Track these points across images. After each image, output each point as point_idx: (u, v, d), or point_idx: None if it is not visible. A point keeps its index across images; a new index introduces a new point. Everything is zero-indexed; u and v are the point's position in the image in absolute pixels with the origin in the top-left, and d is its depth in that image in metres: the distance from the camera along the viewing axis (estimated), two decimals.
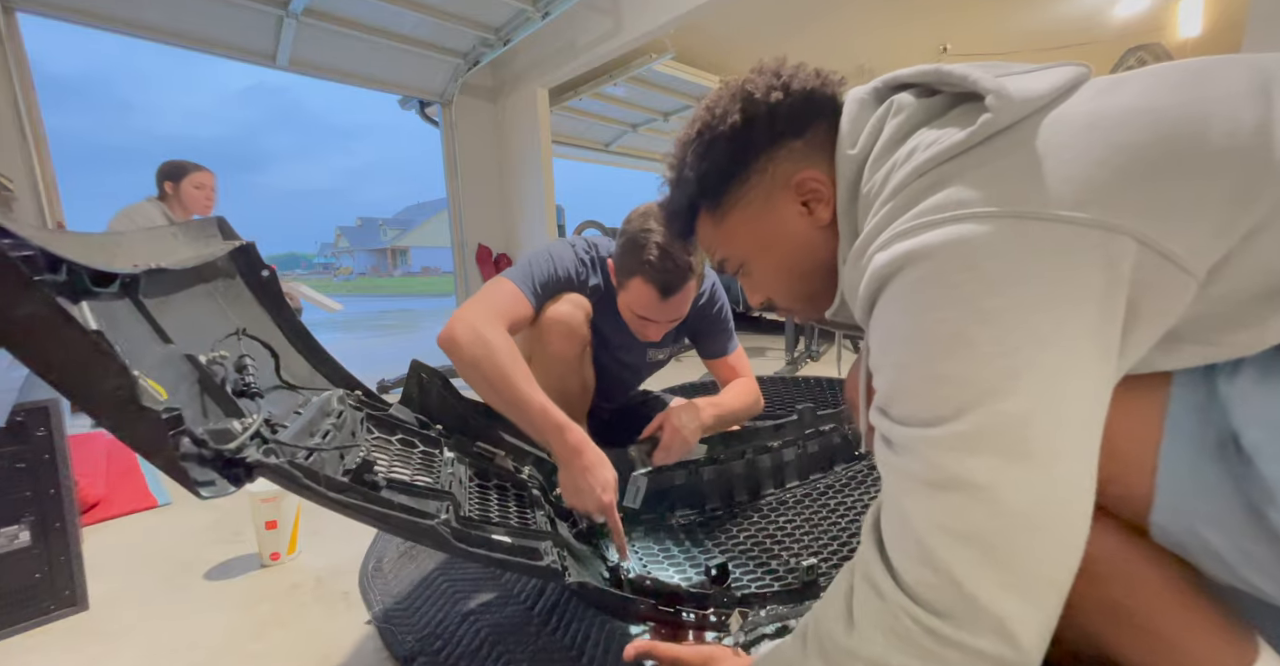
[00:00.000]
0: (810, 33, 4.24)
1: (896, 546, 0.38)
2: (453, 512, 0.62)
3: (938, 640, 0.35)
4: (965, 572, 0.34)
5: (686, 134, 0.57)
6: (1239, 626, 0.40)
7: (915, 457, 0.37)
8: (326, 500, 0.51)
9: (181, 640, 0.80)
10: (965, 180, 0.38)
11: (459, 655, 0.70)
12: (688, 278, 1.03)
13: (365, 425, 0.75)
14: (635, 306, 1.08)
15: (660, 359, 1.35)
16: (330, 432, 0.63)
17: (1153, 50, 2.08)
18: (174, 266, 0.62)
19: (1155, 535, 0.40)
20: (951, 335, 0.36)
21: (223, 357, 0.60)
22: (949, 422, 0.35)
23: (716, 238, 0.59)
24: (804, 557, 0.85)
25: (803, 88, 0.52)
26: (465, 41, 3.85)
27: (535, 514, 0.78)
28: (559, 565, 0.63)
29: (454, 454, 0.81)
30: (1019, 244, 0.35)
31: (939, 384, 0.36)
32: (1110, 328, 0.35)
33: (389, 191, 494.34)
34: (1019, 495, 0.34)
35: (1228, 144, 0.34)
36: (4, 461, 0.81)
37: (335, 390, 0.78)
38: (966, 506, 0.35)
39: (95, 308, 0.46)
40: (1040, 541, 0.34)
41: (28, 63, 2.62)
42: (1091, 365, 0.35)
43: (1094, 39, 4.38)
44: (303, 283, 2.49)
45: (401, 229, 59.94)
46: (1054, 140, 0.37)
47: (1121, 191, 0.34)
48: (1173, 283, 0.34)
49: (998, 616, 0.34)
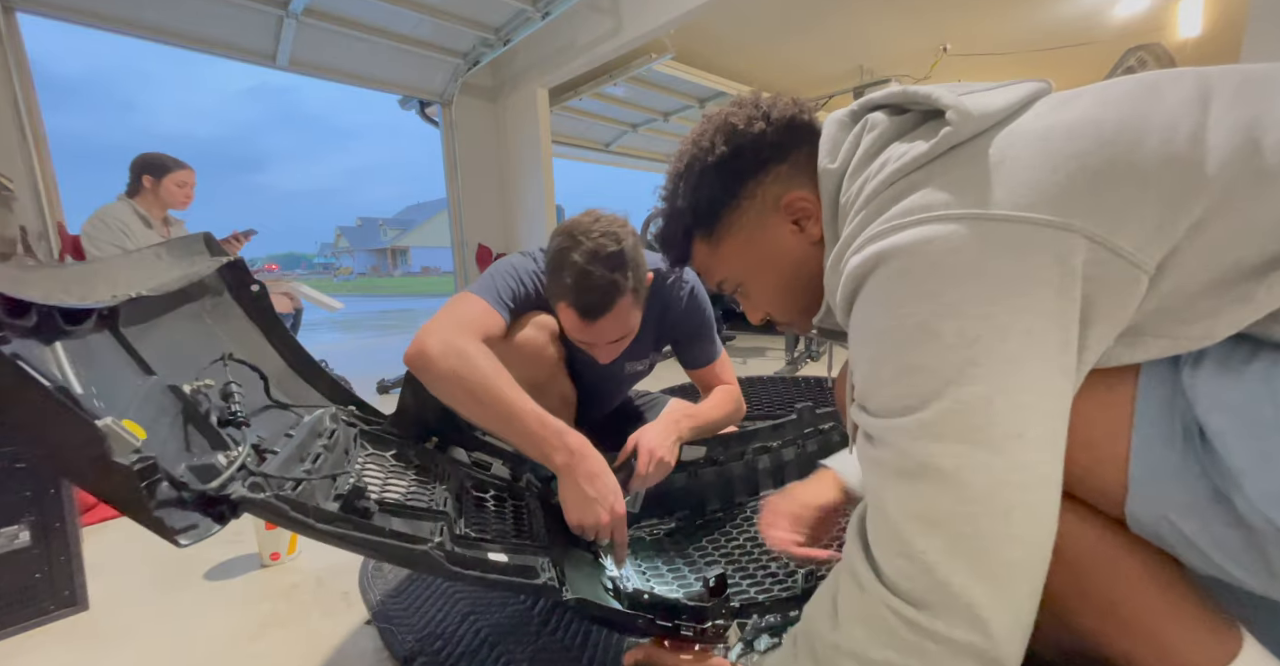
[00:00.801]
0: (810, 33, 4.25)
1: (877, 539, 0.40)
2: (447, 533, 0.61)
3: (915, 630, 0.37)
4: (936, 559, 0.36)
5: (676, 167, 0.60)
6: (1221, 616, 0.40)
7: (888, 448, 0.39)
8: (316, 532, 0.49)
9: (181, 640, 0.80)
10: (931, 186, 0.41)
11: (459, 655, 0.70)
12: (613, 297, 0.92)
13: (358, 442, 0.75)
14: (568, 332, 1.00)
15: (640, 370, 1.28)
16: (321, 455, 0.62)
17: (1153, 50, 2.08)
18: (155, 292, 0.60)
19: (1132, 526, 0.41)
20: (917, 327, 0.38)
21: (207, 387, 0.58)
22: (916, 412, 0.38)
23: (713, 262, 0.62)
24: (799, 570, 0.85)
25: (783, 116, 0.56)
26: (465, 41, 3.85)
27: (533, 525, 0.78)
28: (556, 582, 0.63)
29: (450, 467, 0.80)
30: (979, 241, 0.37)
31: (908, 375, 0.39)
32: (1067, 318, 0.37)
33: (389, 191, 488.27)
34: (983, 478, 0.36)
35: (1164, 151, 0.36)
36: (4, 461, 0.81)
37: (328, 407, 0.76)
38: (935, 493, 0.37)
39: (69, 347, 0.44)
40: (1006, 525, 0.35)
41: (28, 63, 2.62)
42: (1051, 353, 0.37)
43: (1094, 39, 4.38)
44: (303, 283, 2.49)
45: (401, 229, 59.97)
46: (1009, 151, 0.40)
47: (1070, 195, 0.37)
48: (1124, 277, 0.37)
49: (968, 603, 0.35)
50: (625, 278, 0.93)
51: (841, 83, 5.18)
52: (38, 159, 2.59)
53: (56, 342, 0.44)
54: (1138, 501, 0.39)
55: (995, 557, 0.35)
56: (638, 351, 1.20)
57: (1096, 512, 0.42)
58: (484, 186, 4.52)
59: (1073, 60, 4.61)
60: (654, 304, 1.14)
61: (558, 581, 0.63)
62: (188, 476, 0.45)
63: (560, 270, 0.93)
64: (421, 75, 4.06)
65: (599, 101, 5.24)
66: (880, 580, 0.39)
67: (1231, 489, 0.35)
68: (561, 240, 0.94)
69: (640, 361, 1.27)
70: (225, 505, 0.45)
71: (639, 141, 6.51)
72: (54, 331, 0.45)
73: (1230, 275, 0.36)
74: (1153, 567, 0.41)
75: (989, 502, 0.35)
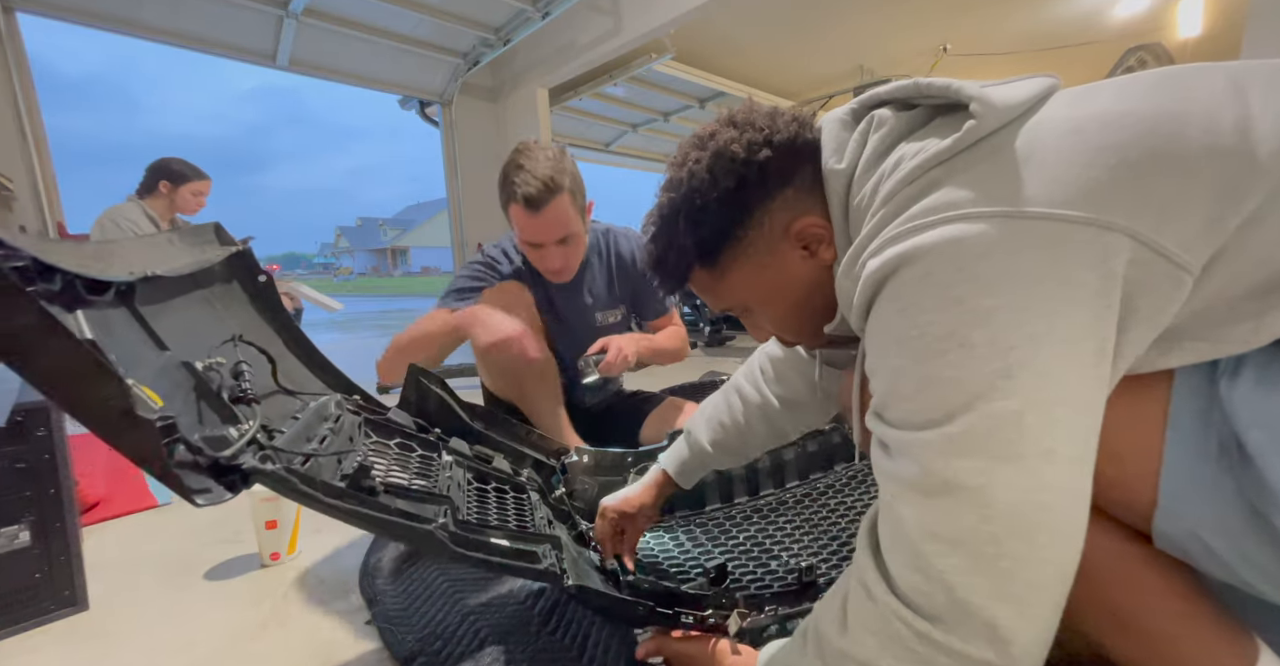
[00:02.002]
0: (810, 33, 4.25)
1: (891, 552, 0.38)
2: (451, 517, 0.62)
3: (928, 644, 0.35)
4: (956, 579, 0.34)
5: (672, 198, 0.54)
6: (1239, 628, 0.39)
7: (909, 462, 0.37)
8: (323, 505, 0.51)
9: (181, 640, 0.80)
10: (954, 183, 0.38)
11: (459, 655, 0.70)
12: (552, 191, 1.09)
13: (363, 430, 0.75)
14: (520, 234, 1.16)
15: (611, 322, 1.38)
16: (327, 437, 0.63)
17: (1153, 50, 2.08)
18: (170, 273, 0.61)
19: (1158, 541, 0.39)
20: (944, 336, 0.35)
21: (219, 364, 0.59)
22: (941, 425, 0.35)
23: (719, 290, 0.57)
24: (803, 558, 0.85)
25: (786, 139, 0.51)
26: (465, 41, 3.85)
27: (534, 517, 0.78)
28: (558, 568, 0.63)
29: (452, 457, 0.81)
30: (1010, 242, 0.34)
31: (932, 386, 0.36)
32: (1105, 326, 0.34)
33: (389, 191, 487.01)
34: (1010, 497, 0.34)
35: (1208, 141, 0.34)
36: (4, 461, 0.81)
37: (333, 395, 0.77)
38: (957, 510, 0.35)
39: (90, 316, 0.46)
40: (1031, 547, 0.34)
41: (28, 63, 2.62)
42: (1087, 364, 0.34)
43: (1094, 39, 4.38)
44: (303, 283, 2.49)
45: (401, 229, 59.98)
46: (1038, 143, 0.37)
47: (1110, 190, 0.34)
48: (1168, 279, 0.34)
49: (989, 623, 0.34)
50: (563, 177, 1.11)
51: (841, 83, 5.19)
52: (38, 159, 2.59)
53: (78, 310, 0.45)
54: (1167, 518, 0.38)
55: (1020, 578, 0.34)
56: (605, 301, 1.35)
57: (1118, 524, 0.41)
58: (484, 186, 4.52)
59: (1073, 60, 4.61)
60: (607, 253, 1.35)
61: (558, 568, 0.63)
62: (202, 445, 0.46)
63: (508, 176, 1.11)
64: (421, 75, 4.06)
65: (599, 101, 5.24)
66: (893, 591, 0.37)
67: (1269, 506, 0.34)
68: (510, 157, 1.14)
69: (610, 312, 1.38)
70: (237, 474, 0.47)
71: (639, 141, 6.51)
72: (77, 299, 0.47)
73: (1278, 277, 0.34)
74: (1172, 579, 0.40)
75: (1015, 522, 0.34)
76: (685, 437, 0.84)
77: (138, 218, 2.10)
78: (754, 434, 0.79)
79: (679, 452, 0.84)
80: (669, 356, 1.36)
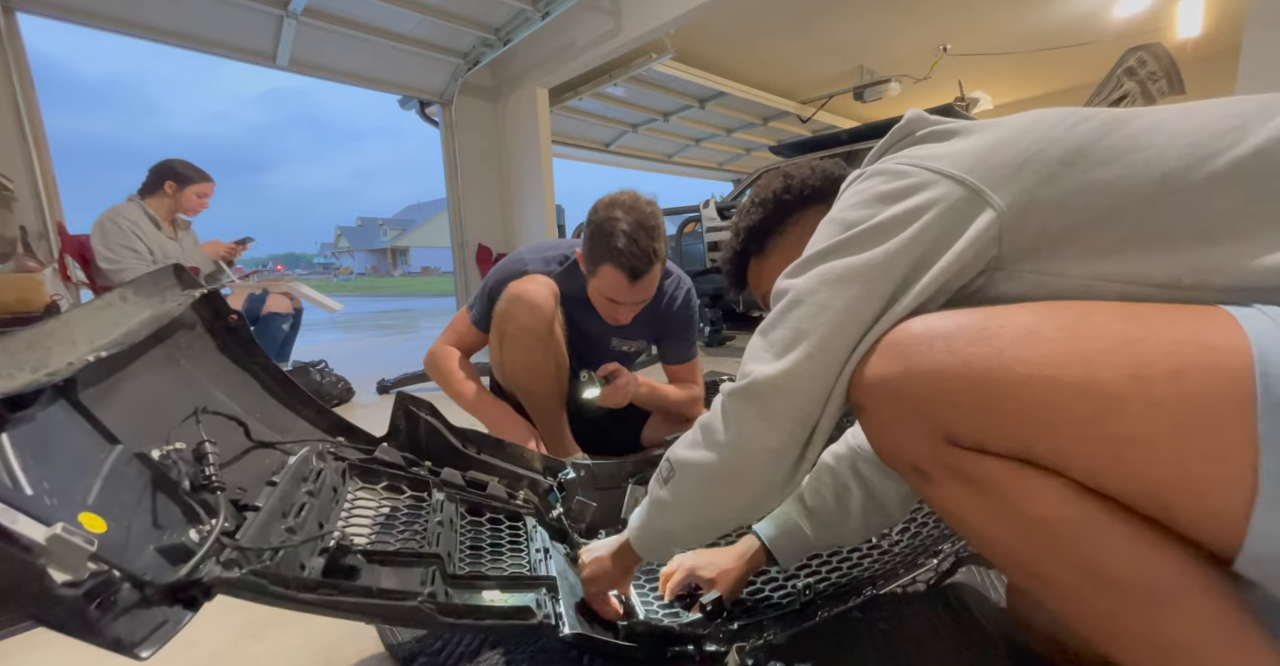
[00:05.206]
0: (810, 33, 4.25)
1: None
2: (439, 578, 0.61)
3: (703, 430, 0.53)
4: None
5: (743, 206, 0.79)
6: None
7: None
8: (299, 604, 0.48)
9: (181, 640, 0.80)
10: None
11: (459, 655, 0.70)
12: (653, 262, 1.11)
13: (348, 477, 0.74)
14: (605, 291, 1.16)
15: (626, 350, 1.39)
16: (306, 504, 0.61)
17: (1153, 50, 2.08)
18: (122, 346, 0.55)
19: (1241, 565, 0.35)
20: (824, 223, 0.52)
21: (177, 451, 0.54)
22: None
23: (761, 277, 0.77)
24: (800, 577, 0.82)
25: (829, 172, 0.75)
26: (465, 41, 3.86)
27: (529, 550, 0.77)
28: (552, 618, 0.63)
29: (444, 494, 0.79)
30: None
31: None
32: (919, 248, 0.46)
33: (390, 191, 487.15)
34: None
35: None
36: None
37: (314, 445, 0.74)
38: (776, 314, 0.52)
39: (16, 438, 0.40)
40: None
41: (28, 63, 2.62)
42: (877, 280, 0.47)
43: (1094, 39, 4.39)
44: (303, 283, 2.49)
45: (401, 229, 59.97)
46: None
47: (972, 167, 0.47)
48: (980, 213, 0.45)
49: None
50: (663, 247, 1.13)
51: (841, 83, 5.19)
52: (38, 159, 2.59)
53: (2, 435, 0.40)
54: (1261, 537, 0.33)
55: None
56: (629, 332, 1.34)
57: (1178, 541, 0.36)
58: (484, 186, 4.52)
59: (1073, 60, 4.62)
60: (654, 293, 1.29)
61: (553, 616, 0.64)
62: (155, 562, 0.43)
63: (609, 236, 1.08)
64: (421, 75, 4.07)
65: (599, 101, 5.25)
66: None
67: None
68: (607, 211, 1.11)
69: (628, 342, 1.37)
70: (198, 589, 0.43)
71: (639, 141, 6.52)
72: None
73: None
74: (1229, 606, 0.35)
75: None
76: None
77: (138, 218, 2.09)
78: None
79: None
80: (672, 410, 1.39)
